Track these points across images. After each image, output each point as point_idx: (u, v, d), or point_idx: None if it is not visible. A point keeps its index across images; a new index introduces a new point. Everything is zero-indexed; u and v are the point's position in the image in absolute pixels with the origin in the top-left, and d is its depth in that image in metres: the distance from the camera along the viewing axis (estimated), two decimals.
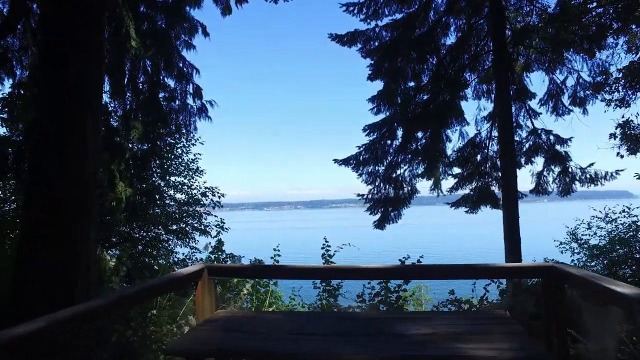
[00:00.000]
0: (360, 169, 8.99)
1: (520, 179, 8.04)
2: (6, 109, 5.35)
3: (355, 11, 8.33)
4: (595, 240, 8.28)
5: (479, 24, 8.66)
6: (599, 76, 8.07)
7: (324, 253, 4.74)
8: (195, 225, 8.41)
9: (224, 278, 4.28)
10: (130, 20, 5.20)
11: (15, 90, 5.21)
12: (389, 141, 8.98)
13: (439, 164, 9.12)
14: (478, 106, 9.36)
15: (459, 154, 9.12)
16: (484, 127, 9.20)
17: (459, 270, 2.72)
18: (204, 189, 8.60)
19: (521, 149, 8.80)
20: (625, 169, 8.08)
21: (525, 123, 8.90)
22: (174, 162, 8.45)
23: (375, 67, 8.70)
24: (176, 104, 7.01)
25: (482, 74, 9.03)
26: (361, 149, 8.94)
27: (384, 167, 9.02)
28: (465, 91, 9.05)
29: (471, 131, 9.37)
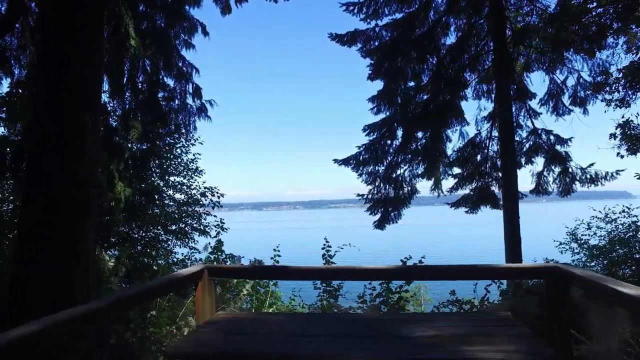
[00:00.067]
0: (360, 169, 8.97)
1: (520, 179, 8.04)
2: (4, 109, 5.32)
3: (355, 11, 8.32)
4: (595, 241, 8.28)
5: (479, 24, 8.65)
6: (599, 76, 8.07)
7: (324, 254, 4.72)
8: (194, 225, 8.39)
9: (224, 279, 4.26)
10: (130, 19, 5.17)
11: (14, 90, 5.18)
12: (389, 141, 8.97)
13: (439, 164, 9.11)
14: (478, 106, 9.36)
15: (459, 154, 9.11)
16: (484, 127, 9.21)
17: (462, 271, 2.69)
18: (203, 189, 8.57)
19: (521, 149, 8.80)
20: (626, 169, 8.08)
21: (525, 123, 8.90)
22: (173, 162, 8.41)
23: (375, 67, 8.69)
24: (175, 103, 6.98)
25: (482, 74, 9.02)
26: (361, 149, 8.93)
27: (384, 167, 9.00)
28: (465, 91, 9.05)
29: (471, 131, 9.37)
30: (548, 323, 2.32)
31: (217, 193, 8.59)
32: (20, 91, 5.15)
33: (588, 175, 8.43)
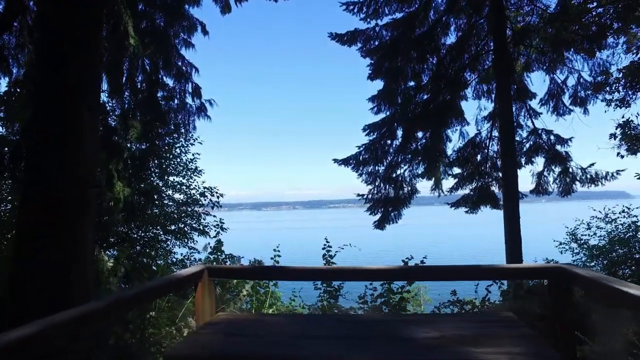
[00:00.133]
0: (360, 169, 8.96)
1: (520, 179, 8.03)
2: (2, 108, 5.28)
3: (355, 10, 8.30)
4: (594, 241, 8.28)
5: (479, 24, 8.64)
6: (599, 76, 8.07)
7: (324, 254, 4.70)
8: (193, 225, 8.36)
9: (224, 279, 4.23)
10: (129, 18, 5.14)
11: (12, 89, 5.14)
12: (389, 141, 8.96)
13: (439, 164, 9.10)
14: (478, 106, 9.35)
15: (459, 154, 9.10)
16: (484, 127, 9.20)
17: (464, 272, 2.67)
18: (202, 189, 8.54)
19: (521, 149, 8.79)
20: (626, 169, 8.08)
21: (525, 123, 8.89)
22: (172, 162, 8.39)
23: (375, 67, 8.68)
24: (175, 103, 6.94)
25: (482, 73, 9.01)
26: (361, 148, 8.91)
27: (384, 167, 8.99)
28: (466, 91, 9.04)
29: (471, 131, 9.36)
30: (551, 323, 2.30)
31: (217, 193, 8.57)
32: (18, 90, 5.12)
33: (588, 175, 8.43)
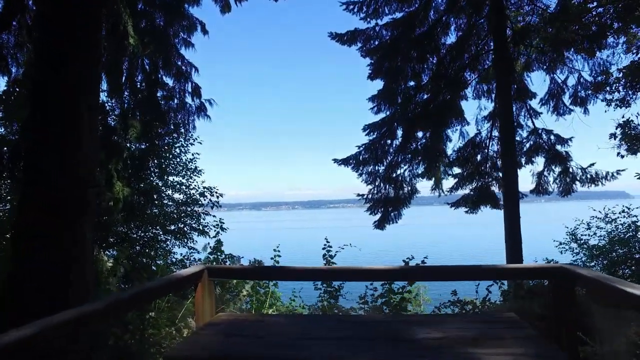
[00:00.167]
0: (360, 168, 8.94)
1: (520, 178, 8.01)
2: (1, 107, 5.25)
3: (355, 10, 8.28)
4: (594, 241, 8.27)
5: (479, 23, 8.62)
6: (599, 76, 8.06)
7: (325, 254, 4.69)
8: (193, 225, 8.34)
9: (224, 279, 4.21)
10: (128, 17, 5.12)
11: (11, 88, 5.12)
12: (389, 141, 8.94)
13: (439, 163, 9.08)
14: (478, 106, 9.34)
15: (459, 154, 9.09)
16: (484, 127, 9.18)
17: (465, 272, 2.66)
18: (202, 188, 8.53)
19: (522, 149, 8.78)
20: (627, 168, 8.07)
21: (525, 123, 8.88)
22: (172, 162, 8.37)
23: (375, 67, 8.66)
24: (174, 102, 6.93)
25: (483, 73, 9.00)
26: (361, 148, 8.90)
27: (384, 167, 8.97)
28: (466, 91, 9.03)
29: (471, 131, 9.36)
30: (553, 324, 2.29)
31: (216, 193, 8.55)
32: (17, 90, 5.09)
33: (588, 175, 8.42)
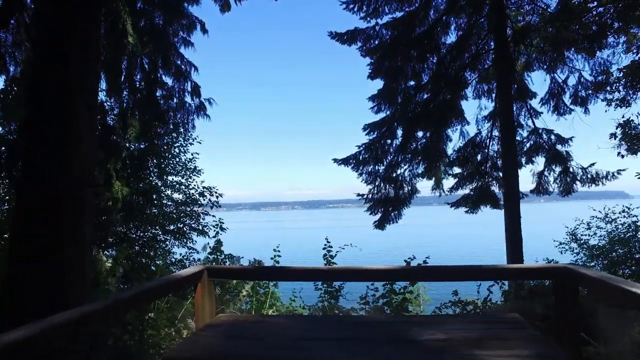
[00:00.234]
0: (360, 168, 8.92)
1: (520, 178, 8.00)
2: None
3: (355, 9, 8.26)
4: (594, 241, 8.27)
5: (479, 23, 8.61)
6: (600, 75, 8.05)
7: (325, 254, 4.67)
8: (192, 225, 8.32)
9: (224, 280, 4.19)
10: (127, 16, 5.09)
11: (9, 87, 5.08)
12: (389, 140, 8.92)
13: (440, 163, 9.06)
14: (479, 105, 9.32)
15: (459, 154, 9.07)
16: (484, 127, 9.17)
17: (467, 272, 2.64)
18: (201, 188, 8.50)
19: (522, 149, 8.77)
20: (627, 168, 8.06)
21: (526, 122, 8.87)
22: (171, 162, 8.34)
23: (375, 66, 8.64)
24: (174, 102, 6.88)
25: (483, 73, 8.98)
26: (361, 148, 8.87)
27: (384, 167, 8.95)
28: (466, 90, 9.01)
29: (471, 130, 9.34)
30: (556, 324, 2.27)
31: (216, 193, 8.53)
32: (15, 88, 5.06)
33: (589, 175, 8.41)
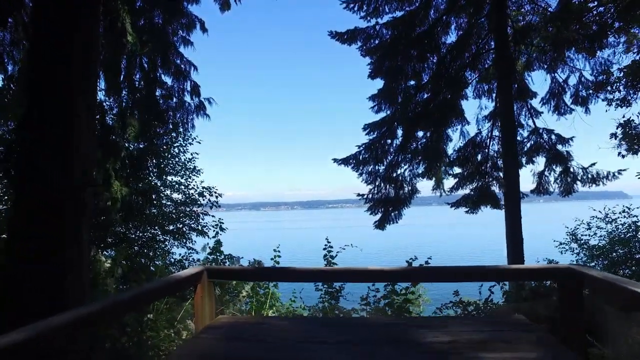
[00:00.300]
0: (360, 168, 8.88)
1: (520, 178, 7.97)
2: None
3: (355, 8, 8.23)
4: (595, 241, 8.26)
5: (479, 22, 8.58)
6: (600, 75, 8.04)
7: (325, 254, 4.64)
8: (192, 225, 8.28)
9: (224, 281, 4.15)
10: (126, 15, 5.06)
11: (7, 86, 5.04)
12: (389, 140, 8.88)
13: (440, 163, 9.03)
14: (479, 105, 9.29)
15: (459, 154, 9.04)
16: (484, 127, 9.14)
17: (469, 272, 2.61)
18: (201, 188, 8.47)
19: (522, 149, 8.74)
20: (628, 168, 8.05)
21: (526, 122, 8.84)
22: (170, 162, 8.31)
23: (375, 66, 8.61)
24: (173, 101, 6.85)
25: (483, 72, 8.96)
26: (361, 148, 8.84)
27: (384, 167, 8.92)
28: (466, 90, 8.98)
29: (472, 130, 9.31)
30: (560, 326, 2.24)
31: (215, 193, 8.49)
32: (13, 87, 5.02)
33: (589, 175, 8.39)
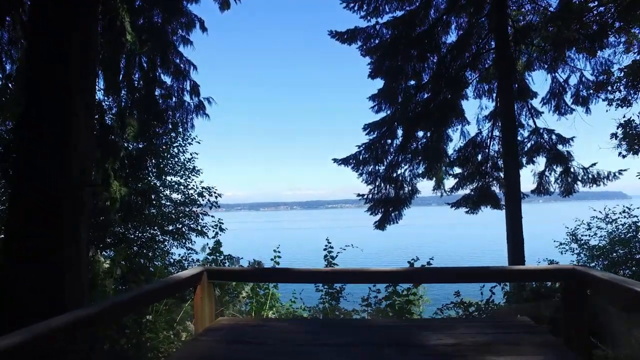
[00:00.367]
0: (360, 168, 8.86)
1: (520, 178, 7.95)
2: None
3: (355, 8, 8.21)
4: (595, 241, 8.23)
5: (480, 22, 8.57)
6: (601, 75, 8.02)
7: (326, 255, 4.62)
8: (191, 225, 8.25)
9: (224, 282, 4.12)
10: (126, 13, 5.02)
11: (5, 85, 5.00)
12: (389, 140, 8.87)
13: (440, 163, 9.01)
14: (479, 105, 9.28)
15: (459, 154, 9.02)
16: (485, 127, 9.13)
17: (471, 273, 2.59)
18: (200, 189, 8.44)
19: (523, 149, 8.73)
20: (629, 168, 8.03)
21: (527, 122, 8.83)
22: (170, 162, 8.27)
23: (375, 65, 8.59)
24: (173, 101, 6.82)
25: (483, 72, 8.94)
26: (361, 148, 8.82)
27: (384, 167, 8.90)
28: (466, 90, 8.97)
29: (472, 130, 9.29)
30: (564, 327, 2.22)
31: (215, 193, 8.46)
32: (10, 86, 4.98)
33: (590, 175, 8.37)
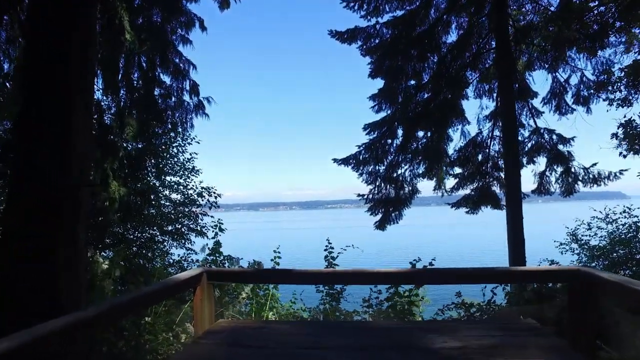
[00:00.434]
0: (361, 168, 8.83)
1: (521, 178, 7.92)
2: None
3: (355, 7, 8.18)
4: (595, 241, 8.22)
5: (480, 22, 8.54)
6: (602, 75, 8.01)
7: (326, 255, 4.59)
8: (191, 226, 8.21)
9: (224, 283, 4.09)
10: (125, 12, 4.99)
11: (2, 84, 4.97)
12: (390, 140, 8.83)
13: (441, 163, 8.98)
14: (480, 105, 9.26)
15: (460, 154, 9.00)
16: (485, 127, 9.11)
17: (474, 274, 2.55)
18: (200, 189, 8.40)
19: (523, 149, 8.70)
20: (629, 168, 8.01)
21: (527, 122, 8.81)
22: (169, 162, 8.24)
23: (375, 65, 8.56)
24: (172, 100, 6.78)
25: (484, 72, 8.91)
26: (361, 148, 8.78)
27: (384, 167, 8.87)
28: (467, 90, 8.94)
29: (472, 130, 9.27)
30: (570, 328, 2.19)
31: (214, 193, 8.43)
32: (8, 85, 4.95)
33: (591, 175, 8.36)
